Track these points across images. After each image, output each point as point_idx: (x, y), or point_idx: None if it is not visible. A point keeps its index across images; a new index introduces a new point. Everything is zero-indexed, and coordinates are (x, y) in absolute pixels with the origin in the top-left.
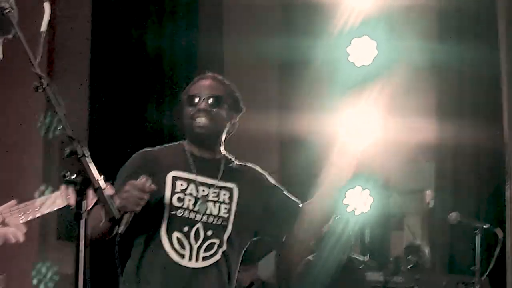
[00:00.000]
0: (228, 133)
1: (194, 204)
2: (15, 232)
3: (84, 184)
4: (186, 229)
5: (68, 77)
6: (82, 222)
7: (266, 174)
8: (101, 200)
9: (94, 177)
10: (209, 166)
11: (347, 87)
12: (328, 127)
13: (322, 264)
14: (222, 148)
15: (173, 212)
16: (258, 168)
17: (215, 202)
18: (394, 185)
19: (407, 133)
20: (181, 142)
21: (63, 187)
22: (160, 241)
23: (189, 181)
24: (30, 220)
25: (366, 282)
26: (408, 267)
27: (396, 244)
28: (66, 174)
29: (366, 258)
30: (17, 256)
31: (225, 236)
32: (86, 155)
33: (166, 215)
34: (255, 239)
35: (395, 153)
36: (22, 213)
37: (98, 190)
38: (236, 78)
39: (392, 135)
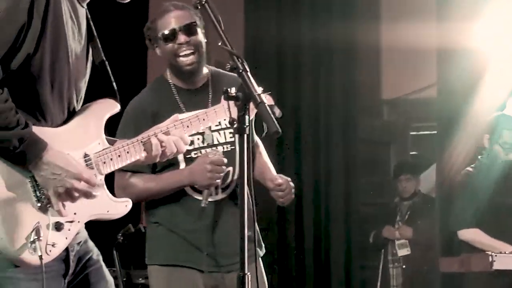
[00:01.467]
0: None
1: (203, 141)
2: (178, 140)
3: (245, 99)
4: None
5: None
6: (245, 136)
7: None
8: (263, 114)
9: (255, 92)
10: (199, 96)
11: None
12: (485, 37)
13: (483, 173)
14: (205, 69)
15: (188, 156)
16: None
17: (218, 130)
18: None
19: None
20: (161, 77)
21: (223, 100)
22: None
23: None
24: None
25: None
26: None
27: None
28: (228, 89)
29: None
30: None
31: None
32: (247, 69)
33: (182, 160)
34: None
35: None
36: (186, 127)
37: (260, 104)
38: None
39: None
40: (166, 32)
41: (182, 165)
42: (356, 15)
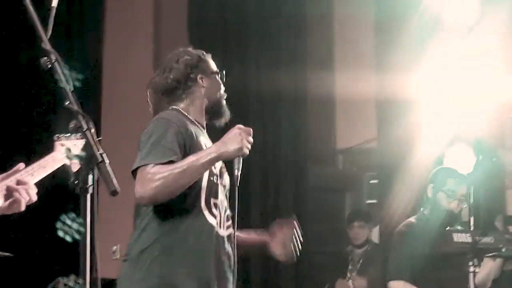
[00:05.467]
0: None
1: (221, 171)
2: (28, 190)
3: (88, 158)
4: (219, 197)
5: None
6: (88, 196)
7: None
8: (103, 173)
9: (97, 151)
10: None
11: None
12: (422, 88)
13: (424, 225)
14: None
15: (211, 178)
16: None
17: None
18: (499, 142)
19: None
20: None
21: (58, 146)
22: (201, 209)
23: None
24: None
25: (454, 243)
26: None
27: None
28: (70, 148)
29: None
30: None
31: (235, 208)
32: (91, 128)
33: (204, 183)
34: None
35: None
36: (30, 175)
37: (100, 164)
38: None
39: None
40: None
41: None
42: (307, 64)
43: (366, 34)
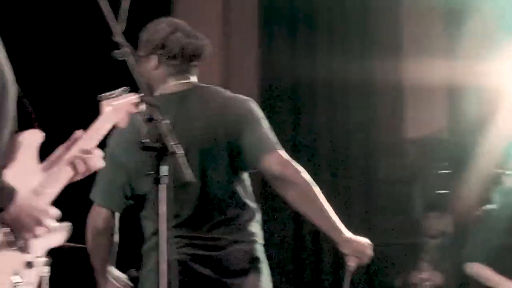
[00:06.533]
0: None
1: None
2: (94, 158)
3: (162, 150)
4: None
5: None
6: (161, 186)
7: None
8: (176, 164)
9: (170, 142)
10: None
11: None
12: (496, 77)
13: (500, 211)
14: None
15: None
16: None
17: None
18: None
19: None
20: None
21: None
22: None
23: None
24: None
25: None
26: None
27: None
28: (143, 140)
29: None
30: None
31: None
32: (165, 120)
33: None
34: None
35: None
36: (91, 139)
37: (173, 154)
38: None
39: None
40: None
41: None
42: (375, 51)
43: (437, 20)
